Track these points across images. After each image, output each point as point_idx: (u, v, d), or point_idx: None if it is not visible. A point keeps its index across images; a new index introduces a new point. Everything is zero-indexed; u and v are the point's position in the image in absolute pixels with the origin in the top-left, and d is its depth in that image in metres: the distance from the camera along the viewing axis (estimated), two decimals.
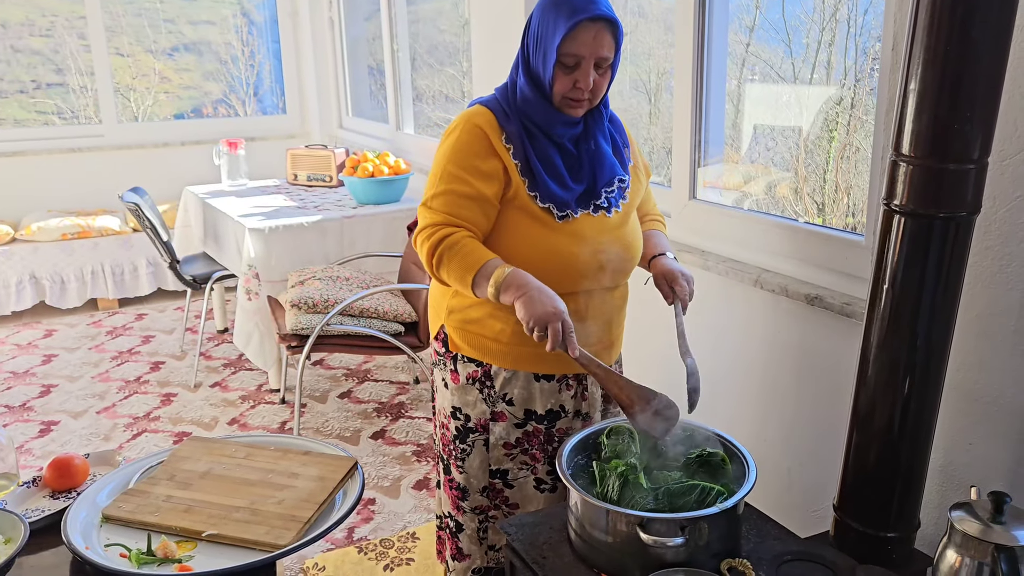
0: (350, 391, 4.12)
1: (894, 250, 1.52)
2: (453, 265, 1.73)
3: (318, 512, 1.59)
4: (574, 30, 1.70)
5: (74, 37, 5.74)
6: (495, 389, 1.90)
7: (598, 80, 1.77)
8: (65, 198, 5.63)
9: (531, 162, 1.80)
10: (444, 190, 1.78)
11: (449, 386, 1.96)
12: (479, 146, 1.79)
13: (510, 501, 1.98)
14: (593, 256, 1.82)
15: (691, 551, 1.49)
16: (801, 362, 2.17)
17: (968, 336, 1.70)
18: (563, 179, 1.81)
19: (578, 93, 1.76)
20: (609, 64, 1.77)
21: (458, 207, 1.77)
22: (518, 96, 1.82)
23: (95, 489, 1.66)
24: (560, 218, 1.80)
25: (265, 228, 3.87)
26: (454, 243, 1.73)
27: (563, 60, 1.73)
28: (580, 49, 1.72)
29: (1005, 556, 1.33)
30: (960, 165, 1.43)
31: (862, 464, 1.66)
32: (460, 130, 1.80)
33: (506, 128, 1.81)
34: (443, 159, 1.80)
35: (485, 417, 1.92)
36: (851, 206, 2.79)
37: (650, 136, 3.51)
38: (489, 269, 1.69)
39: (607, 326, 1.93)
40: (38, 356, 4.66)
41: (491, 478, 1.96)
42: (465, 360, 1.92)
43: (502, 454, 1.94)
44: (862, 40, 2.73)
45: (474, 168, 1.77)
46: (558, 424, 1.93)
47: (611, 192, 1.86)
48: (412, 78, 5.01)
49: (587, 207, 1.83)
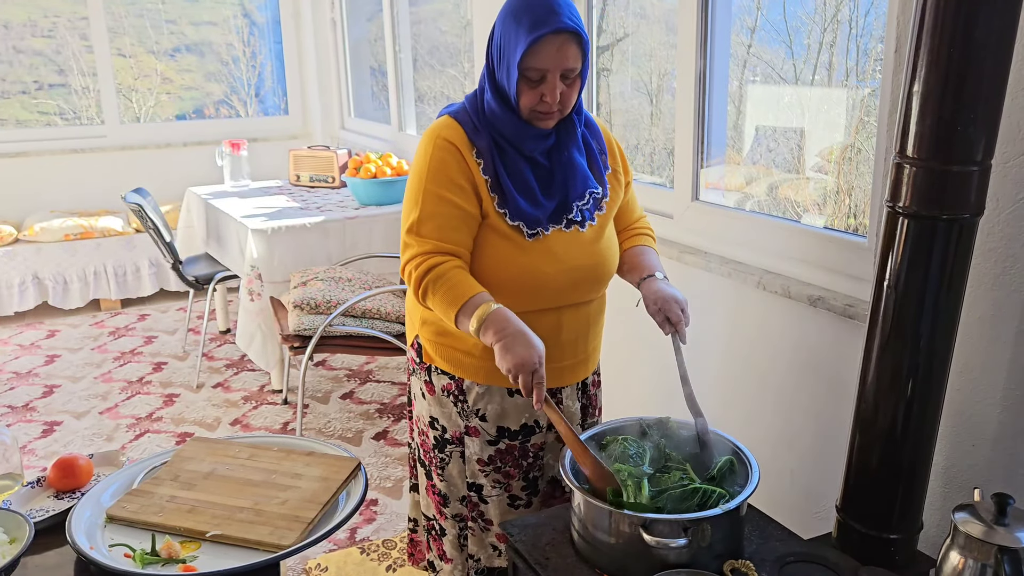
0: (352, 392, 4.13)
1: (897, 252, 1.52)
2: (438, 298, 1.67)
3: (321, 513, 1.59)
4: (536, 44, 1.62)
5: (76, 38, 5.74)
6: (468, 404, 1.87)
7: (566, 91, 1.69)
8: (68, 199, 5.64)
9: (501, 178, 1.73)
10: (428, 212, 1.71)
11: (426, 396, 1.93)
12: (453, 161, 1.72)
13: (485, 516, 1.95)
14: (565, 273, 1.77)
15: (694, 552, 1.49)
16: (804, 364, 2.17)
17: (971, 338, 1.70)
18: (534, 195, 1.75)
19: (546, 106, 1.69)
20: (577, 74, 1.70)
21: (445, 228, 1.70)
22: (486, 109, 1.75)
23: (99, 489, 1.66)
24: (530, 236, 1.74)
25: (268, 229, 3.87)
26: (441, 274, 1.66)
27: (527, 75, 1.66)
28: (544, 63, 1.64)
29: (1008, 558, 1.33)
30: (964, 167, 1.43)
31: (865, 465, 1.66)
32: (433, 147, 1.74)
33: (476, 142, 1.74)
34: (420, 180, 1.73)
35: (460, 431, 1.89)
36: (853, 207, 2.79)
37: (652, 137, 3.51)
38: (473, 305, 1.62)
39: (582, 340, 1.89)
40: (41, 356, 4.67)
41: (468, 490, 1.93)
42: (439, 372, 1.89)
43: (476, 469, 1.91)
44: (863, 41, 2.73)
45: (453, 184, 1.71)
46: (533, 439, 1.90)
47: (584, 206, 1.79)
48: (414, 79, 5.02)
49: (559, 222, 1.77)
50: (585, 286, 1.83)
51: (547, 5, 1.64)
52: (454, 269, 1.68)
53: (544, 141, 1.77)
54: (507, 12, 1.69)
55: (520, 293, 1.73)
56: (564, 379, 1.90)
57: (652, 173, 3.29)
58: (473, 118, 1.76)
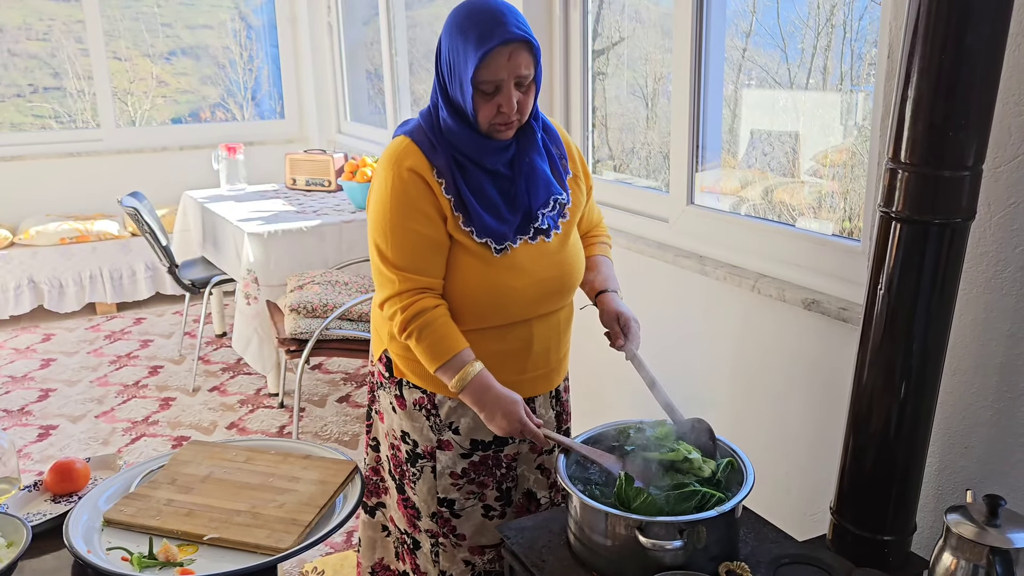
0: (348, 395, 4.13)
1: (891, 256, 1.53)
2: (423, 347, 1.69)
3: (319, 516, 1.60)
4: (486, 58, 1.59)
5: (72, 41, 5.74)
6: (441, 418, 1.86)
7: (522, 99, 1.66)
8: (63, 202, 5.63)
9: (464, 196, 1.70)
10: (399, 244, 1.69)
11: (396, 411, 1.92)
12: (415, 190, 1.68)
13: (457, 531, 1.93)
14: (533, 286, 1.77)
15: (689, 554, 1.50)
16: (798, 366, 2.18)
17: (964, 340, 1.71)
18: (499, 210, 1.72)
19: (503, 117, 1.66)
20: (531, 80, 1.66)
21: (419, 260, 1.69)
22: (443, 126, 1.71)
23: (96, 493, 1.67)
24: (498, 251, 1.72)
25: (264, 232, 3.88)
26: (427, 324, 1.67)
27: (481, 88, 1.63)
28: (496, 74, 1.61)
29: (1000, 559, 1.34)
30: (955, 172, 1.44)
31: (859, 468, 1.67)
32: (392, 177, 1.69)
33: (435, 163, 1.70)
34: (383, 214, 1.70)
35: (432, 445, 1.88)
36: (848, 211, 2.80)
37: (647, 141, 3.52)
38: (457, 364, 1.68)
39: (554, 349, 1.90)
40: (36, 360, 4.66)
41: (439, 505, 1.92)
42: (411, 386, 1.87)
43: (449, 483, 1.90)
44: (858, 45, 2.74)
45: (419, 213, 1.68)
46: (506, 450, 1.91)
47: (549, 212, 1.78)
48: (410, 83, 5.02)
49: (526, 232, 1.75)
50: (553, 297, 1.83)
51: (492, 16, 1.60)
52: (440, 319, 1.69)
53: (505, 153, 1.74)
54: (452, 26, 1.65)
55: (489, 309, 1.74)
56: (538, 388, 1.91)
57: (648, 177, 3.30)
58: (430, 136, 1.72)
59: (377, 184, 1.74)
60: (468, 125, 1.69)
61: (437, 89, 1.72)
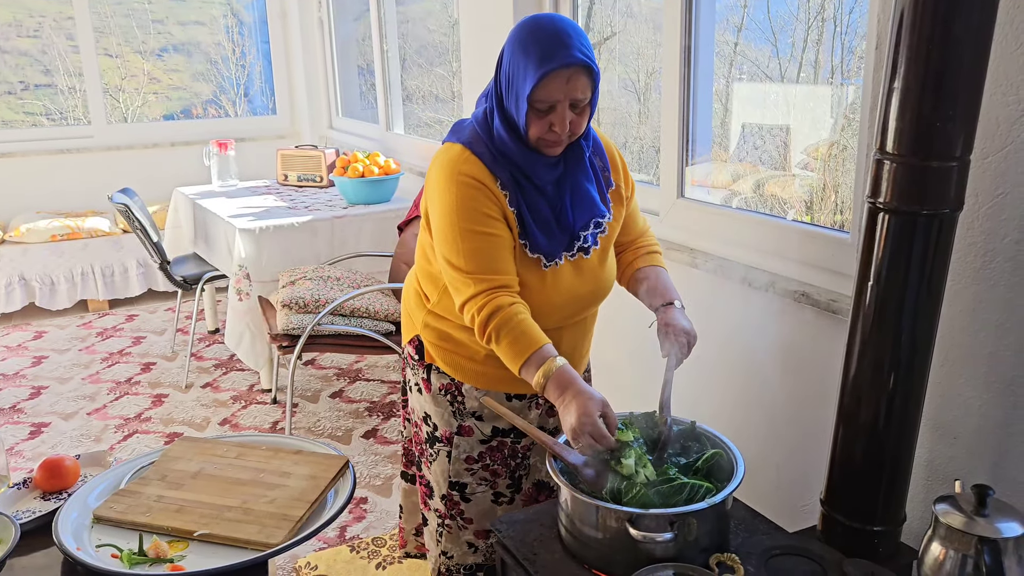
0: (341, 391, 4.13)
1: (879, 247, 1.53)
2: (505, 343, 1.65)
3: (310, 511, 1.60)
4: (544, 79, 1.60)
5: (62, 38, 5.72)
6: (464, 405, 1.90)
7: (575, 120, 1.67)
8: (54, 199, 5.61)
9: (523, 211, 1.72)
10: (470, 250, 1.68)
11: (423, 392, 1.95)
12: (481, 197, 1.69)
13: (465, 515, 1.97)
14: (571, 302, 1.82)
15: (680, 546, 1.50)
16: (788, 358, 2.19)
17: (952, 331, 1.72)
18: (550, 228, 1.75)
19: (554, 136, 1.68)
20: (587, 103, 1.67)
21: (492, 261, 1.68)
22: (495, 136, 1.73)
23: (86, 490, 1.67)
24: (547, 266, 1.75)
25: (255, 228, 3.87)
26: (506, 321, 1.64)
27: (536, 106, 1.64)
28: (553, 95, 1.62)
29: (988, 548, 1.35)
30: (943, 162, 1.44)
31: (848, 459, 1.67)
32: (456, 185, 1.69)
33: (498, 175, 1.71)
34: (451, 221, 1.69)
35: (451, 430, 1.91)
36: (839, 204, 2.81)
37: (639, 135, 3.52)
38: (539, 358, 1.62)
39: (579, 349, 1.95)
40: (28, 358, 4.65)
41: (449, 488, 1.95)
42: (439, 372, 1.91)
43: (463, 468, 1.93)
44: (848, 39, 2.74)
45: (487, 217, 1.69)
46: (523, 440, 1.93)
47: (591, 231, 1.79)
48: (402, 78, 5.01)
49: (570, 250, 1.78)
50: (586, 308, 1.89)
51: (557, 38, 1.61)
52: (518, 315, 1.66)
53: (553, 169, 1.75)
54: (516, 40, 1.66)
55: None
56: None
57: (640, 171, 3.31)
58: (489, 147, 1.73)
59: (437, 196, 1.73)
60: (518, 138, 1.71)
61: (493, 97, 1.73)
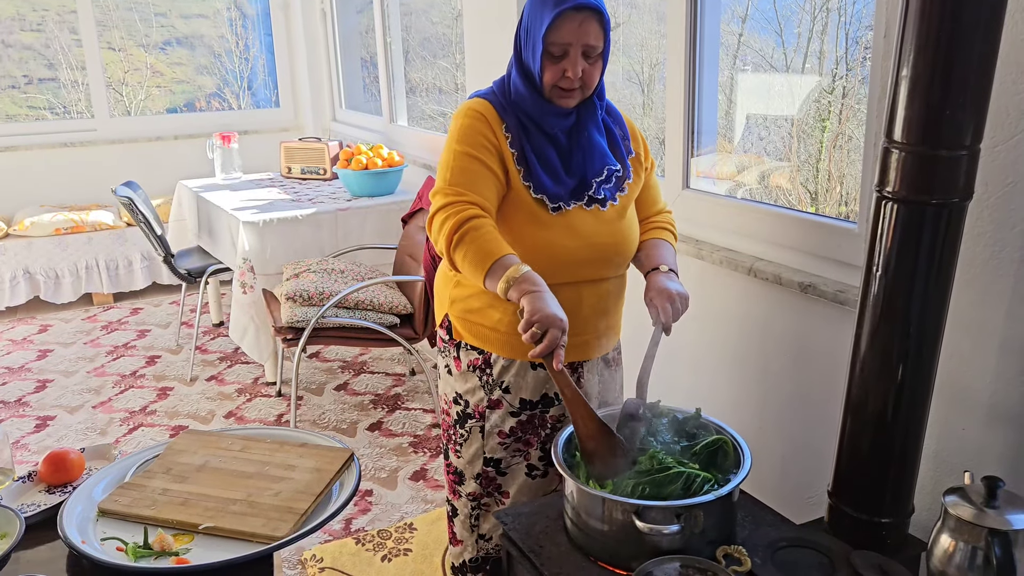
0: (346, 383, 4.13)
1: (886, 237, 1.52)
2: (472, 249, 1.67)
3: (315, 504, 1.59)
4: (559, 19, 1.71)
5: (65, 32, 5.71)
6: (493, 376, 1.93)
7: (588, 69, 1.77)
8: (58, 193, 5.61)
9: (526, 153, 1.81)
10: (458, 168, 1.77)
11: (452, 372, 2.00)
12: (483, 127, 1.81)
13: (502, 488, 2.01)
14: (585, 249, 1.83)
15: (686, 538, 1.50)
16: (795, 350, 2.18)
17: (961, 322, 1.70)
18: (556, 173, 1.82)
19: (568, 82, 1.77)
20: (599, 53, 1.78)
21: (474, 181, 1.76)
22: (512, 91, 1.85)
23: (91, 483, 1.66)
24: (553, 210, 1.81)
25: (259, 221, 3.87)
26: (476, 227, 1.68)
27: (550, 49, 1.75)
28: (566, 37, 1.73)
29: (998, 540, 1.34)
30: (952, 151, 1.43)
31: (856, 450, 1.66)
32: (463, 116, 1.83)
33: (505, 119, 1.83)
34: (450, 144, 1.82)
35: (483, 405, 1.95)
36: (844, 194, 2.79)
37: (644, 127, 3.50)
38: (506, 263, 1.64)
39: (601, 316, 1.93)
40: (33, 351, 4.65)
41: (485, 465, 1.99)
42: (467, 348, 1.95)
43: (497, 443, 1.96)
44: (852, 29, 2.73)
45: (481, 145, 1.79)
46: (551, 411, 1.96)
47: (605, 184, 1.86)
48: (405, 70, 5.00)
49: (580, 199, 1.84)
50: (604, 263, 1.88)
51: None
52: (488, 226, 1.70)
53: (564, 119, 1.84)
54: None
55: (540, 266, 1.73)
56: (583, 353, 1.95)
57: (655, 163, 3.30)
58: (501, 99, 1.86)
59: (448, 135, 1.85)
60: (534, 88, 1.81)
61: (513, 58, 1.85)
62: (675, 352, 2.53)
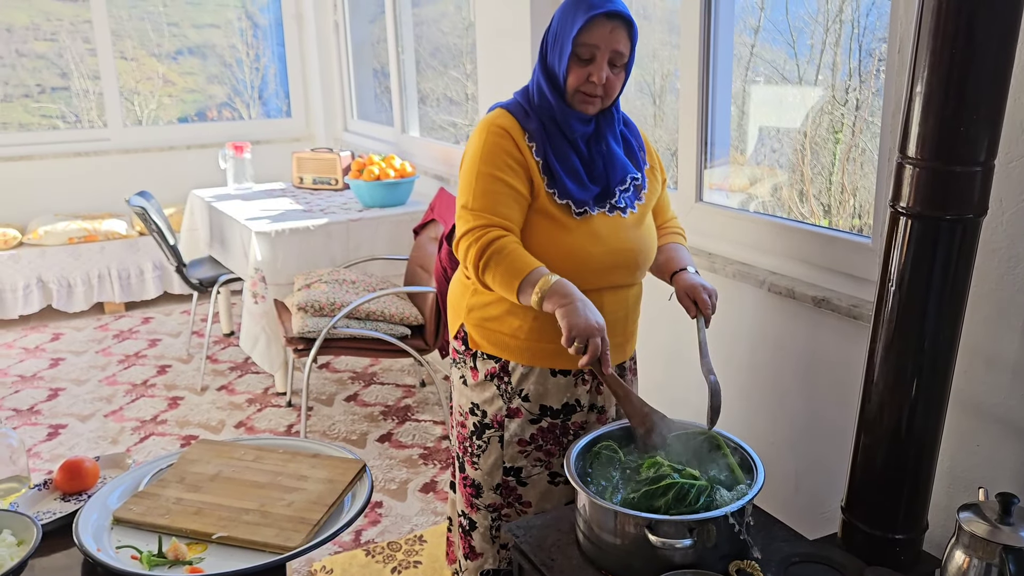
0: (356, 394, 4.13)
1: (901, 252, 1.52)
2: (500, 270, 1.73)
3: (327, 514, 1.60)
4: (591, 22, 1.75)
5: (79, 41, 5.75)
6: (511, 384, 1.93)
7: (612, 78, 1.80)
8: (71, 202, 5.64)
9: (550, 160, 1.83)
10: (482, 190, 1.80)
11: (468, 383, 1.99)
12: (507, 144, 1.82)
13: (523, 499, 1.99)
14: (608, 255, 1.86)
15: (699, 553, 1.49)
16: (808, 364, 2.17)
17: (975, 337, 1.70)
18: (580, 178, 1.85)
19: (591, 87, 1.80)
20: (624, 63, 1.81)
21: (497, 203, 1.79)
22: (535, 96, 1.87)
23: (106, 491, 1.67)
24: (578, 215, 1.83)
25: (271, 231, 3.88)
26: (501, 248, 1.74)
27: (578, 52, 1.77)
28: (595, 40, 1.76)
29: (1013, 557, 1.34)
30: (966, 167, 1.43)
31: (870, 466, 1.66)
32: (486, 133, 1.84)
33: (527, 127, 1.85)
34: (474, 163, 1.83)
35: (501, 414, 1.94)
36: (857, 208, 2.79)
37: (655, 138, 3.50)
38: (535, 276, 1.70)
39: (621, 324, 1.95)
40: (45, 360, 4.67)
41: (504, 475, 1.98)
42: (484, 357, 1.95)
43: (516, 451, 1.96)
44: (866, 41, 2.73)
45: (506, 165, 1.81)
46: (573, 418, 1.96)
47: (626, 192, 1.89)
48: (417, 81, 5.02)
49: (603, 206, 1.86)
50: (625, 270, 1.91)
51: None
52: (513, 243, 1.76)
53: (585, 126, 1.87)
54: (567, 3, 1.81)
55: (565, 273, 1.78)
56: None
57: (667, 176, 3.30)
58: (523, 104, 1.89)
59: (469, 149, 1.88)
60: (557, 92, 1.84)
61: (538, 64, 1.88)
62: (688, 366, 2.53)
